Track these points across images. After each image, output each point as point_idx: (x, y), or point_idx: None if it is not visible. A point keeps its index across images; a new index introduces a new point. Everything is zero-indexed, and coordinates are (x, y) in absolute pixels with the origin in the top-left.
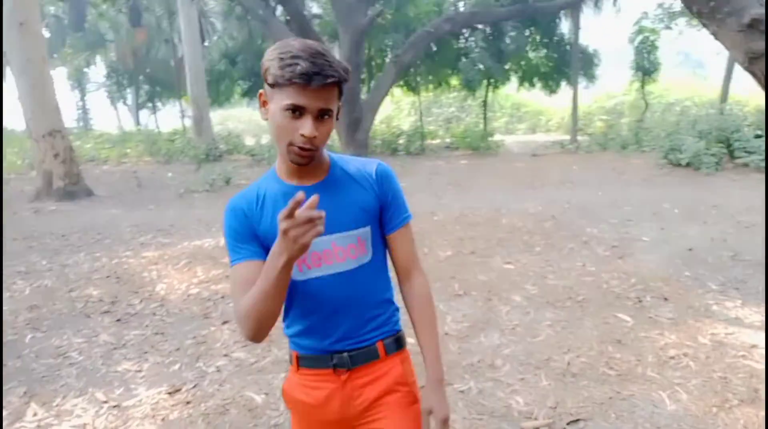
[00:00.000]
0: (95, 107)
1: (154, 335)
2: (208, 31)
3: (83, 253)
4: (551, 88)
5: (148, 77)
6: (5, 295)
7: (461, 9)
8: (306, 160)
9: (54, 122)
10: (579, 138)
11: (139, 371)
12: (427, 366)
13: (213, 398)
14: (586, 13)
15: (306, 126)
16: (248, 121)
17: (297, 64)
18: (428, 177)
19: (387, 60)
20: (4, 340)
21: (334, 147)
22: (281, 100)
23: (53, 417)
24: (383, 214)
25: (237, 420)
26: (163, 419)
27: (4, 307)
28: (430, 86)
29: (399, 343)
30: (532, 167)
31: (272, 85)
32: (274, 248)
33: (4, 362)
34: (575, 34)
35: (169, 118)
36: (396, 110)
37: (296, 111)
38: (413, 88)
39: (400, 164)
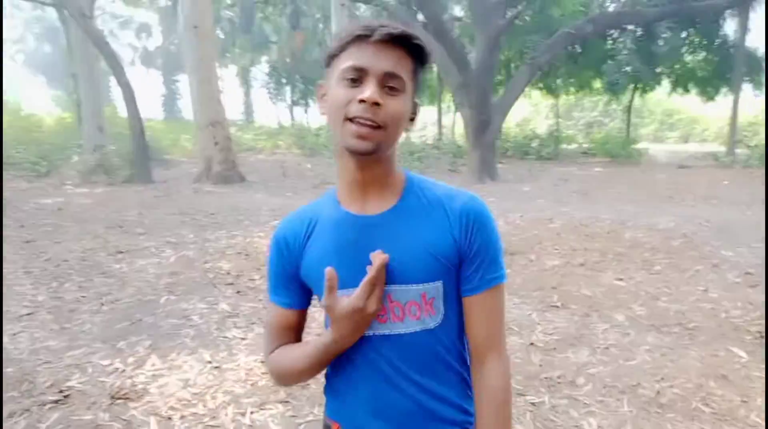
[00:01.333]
0: (260, 102)
1: (264, 309)
2: None
3: (224, 230)
4: (709, 94)
5: (304, 77)
6: (154, 260)
7: (610, 9)
8: (367, 145)
9: (216, 114)
10: (737, 151)
11: (244, 339)
12: None
13: None
14: (758, 12)
15: (368, 89)
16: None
17: (360, 24)
18: (555, 183)
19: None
20: (145, 298)
21: (462, 150)
22: (339, 68)
23: (166, 369)
24: (462, 268)
25: (315, 395)
26: (252, 384)
27: (151, 271)
28: (571, 89)
29: None
30: (675, 180)
31: (332, 58)
32: (327, 336)
33: (140, 318)
34: (742, 35)
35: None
36: (534, 113)
37: (356, 78)
38: (552, 91)
39: (528, 168)
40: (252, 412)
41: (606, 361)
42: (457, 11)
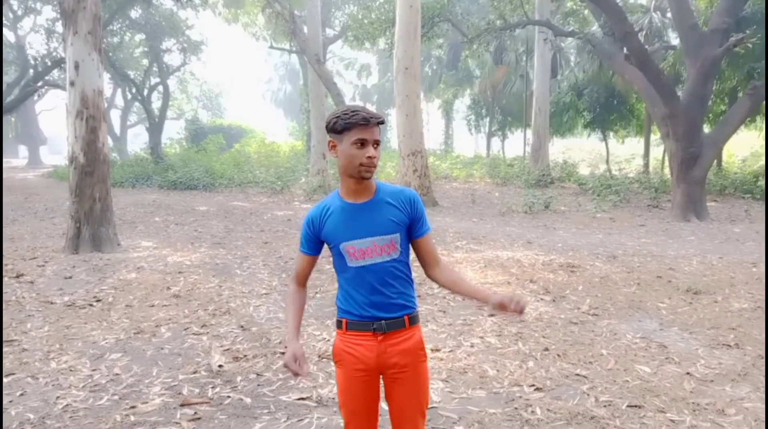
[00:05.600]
0: (460, 133)
1: (438, 311)
2: (561, 65)
3: None
4: None
5: (502, 109)
6: None
7: None
8: (370, 174)
9: (417, 145)
10: None
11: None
12: (480, 293)
13: (459, 362)
14: None
15: (370, 151)
16: (589, 152)
17: (357, 113)
18: None
19: None
20: None
21: (666, 184)
22: (351, 138)
23: None
24: (412, 226)
25: (470, 380)
26: None
27: None
28: None
29: (418, 318)
30: None
31: (341, 131)
32: (290, 338)
33: None
34: None
35: (515, 146)
36: None
37: (362, 144)
38: None
39: (745, 208)
40: None
41: None
42: (673, 39)
